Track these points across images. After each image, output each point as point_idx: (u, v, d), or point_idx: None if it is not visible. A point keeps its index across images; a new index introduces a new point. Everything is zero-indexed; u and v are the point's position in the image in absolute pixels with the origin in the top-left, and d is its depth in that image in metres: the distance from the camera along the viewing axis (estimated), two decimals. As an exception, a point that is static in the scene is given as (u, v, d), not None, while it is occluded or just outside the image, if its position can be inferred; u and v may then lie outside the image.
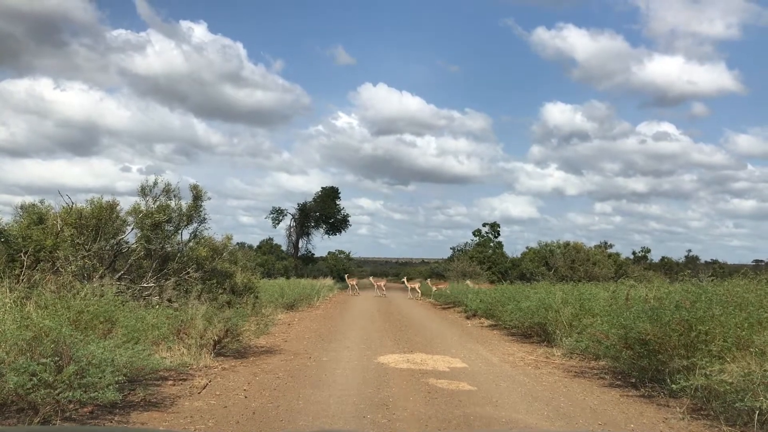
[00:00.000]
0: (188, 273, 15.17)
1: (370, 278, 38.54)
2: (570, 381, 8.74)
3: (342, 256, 72.83)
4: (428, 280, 44.72)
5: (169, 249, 15.77)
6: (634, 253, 50.09)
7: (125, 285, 15.48)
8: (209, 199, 15.63)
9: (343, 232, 65.35)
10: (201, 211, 15.54)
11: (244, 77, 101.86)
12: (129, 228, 14.75)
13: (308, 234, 64.81)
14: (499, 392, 7.73)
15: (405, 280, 43.19)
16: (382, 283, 37.90)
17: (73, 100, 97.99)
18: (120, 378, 5.78)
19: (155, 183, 14.96)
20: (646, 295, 10.24)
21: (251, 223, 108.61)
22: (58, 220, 14.38)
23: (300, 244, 64.34)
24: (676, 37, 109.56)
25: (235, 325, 9.82)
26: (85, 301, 8.14)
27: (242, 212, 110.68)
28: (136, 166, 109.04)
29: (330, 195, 64.70)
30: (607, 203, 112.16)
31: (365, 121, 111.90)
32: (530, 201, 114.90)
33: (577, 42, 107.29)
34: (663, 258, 59.31)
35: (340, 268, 64.91)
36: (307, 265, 61.14)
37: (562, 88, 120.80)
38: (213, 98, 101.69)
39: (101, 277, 15.06)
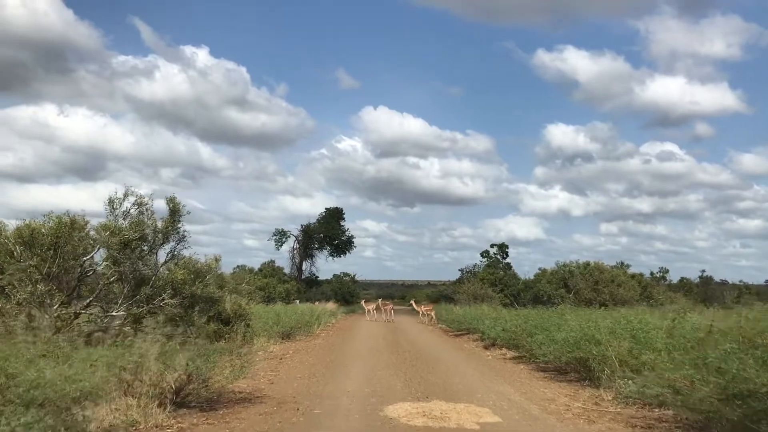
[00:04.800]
0: (163, 299, 13.05)
1: (379, 301, 36.15)
2: (644, 445, 6.51)
3: (347, 278, 70.59)
4: (412, 302, 42.50)
5: (146, 272, 13.71)
6: (652, 273, 47.55)
7: (94, 314, 13.45)
8: (188, 213, 13.54)
9: (348, 254, 63.23)
10: (179, 228, 13.44)
11: (248, 101, 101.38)
12: (95, 248, 12.66)
13: (312, 256, 62.69)
14: (554, 468, 5.52)
15: (413, 302, 40.84)
16: (389, 306, 35.52)
17: (79, 125, 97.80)
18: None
19: (125, 195, 12.90)
20: (731, 329, 8.00)
21: (256, 246, 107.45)
22: (11, 240, 12.29)
23: (304, 267, 62.16)
24: (677, 58, 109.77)
25: (198, 368, 7.62)
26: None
27: (247, 235, 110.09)
28: (142, 190, 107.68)
29: (334, 216, 62.66)
30: (613, 224, 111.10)
31: (368, 144, 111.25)
32: (535, 222, 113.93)
33: (578, 64, 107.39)
34: (682, 279, 56.92)
35: (345, 291, 62.67)
36: (311, 288, 58.89)
37: (564, 109, 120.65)
38: (218, 122, 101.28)
39: (64, 305, 13.00)
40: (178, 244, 13.67)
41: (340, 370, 11.59)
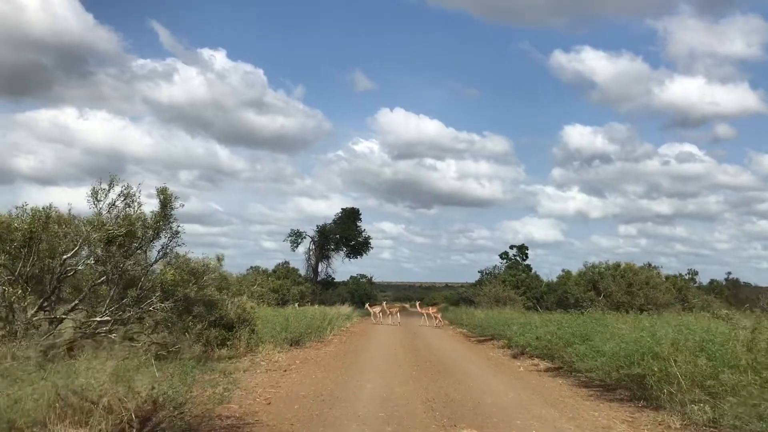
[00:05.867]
0: (152, 303, 11.57)
1: (384, 304, 34.60)
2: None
3: (364, 280, 69.10)
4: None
5: (135, 272, 12.26)
6: (680, 275, 45.36)
7: (78, 320, 12.06)
8: (182, 206, 12.08)
9: (364, 255, 61.61)
10: (171, 222, 11.97)
11: (266, 103, 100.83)
12: (77, 244, 11.21)
13: (328, 257, 61.17)
14: None
15: (417, 304, 39.17)
16: (396, 309, 33.93)
17: (99, 128, 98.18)
18: None
19: (111, 185, 11.44)
20: None
21: (274, 248, 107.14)
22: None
23: (319, 268, 60.65)
24: (696, 58, 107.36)
25: (166, 393, 6.04)
26: None
27: (265, 237, 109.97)
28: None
29: (350, 216, 61.08)
30: (632, 225, 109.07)
31: (385, 146, 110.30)
32: (553, 224, 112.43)
33: (596, 64, 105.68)
34: (712, 281, 54.51)
35: (362, 294, 61.14)
36: (327, 290, 57.38)
37: (581, 110, 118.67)
38: (235, 125, 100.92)
39: (43, 309, 11.59)
40: (170, 241, 12.23)
41: (351, 386, 10.00)
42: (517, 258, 55.26)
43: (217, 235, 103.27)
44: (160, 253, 12.04)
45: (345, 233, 59.77)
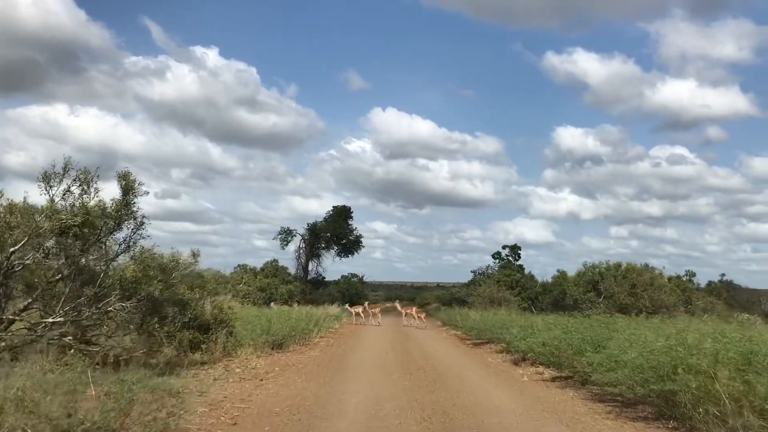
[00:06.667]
0: (110, 302, 10.23)
1: (366, 304, 33.35)
2: None
3: (355, 279, 67.79)
4: (397, 302, 39.57)
5: (95, 268, 10.94)
6: (678, 277, 44.30)
7: (29, 321, 10.76)
8: (146, 193, 10.71)
9: (356, 254, 60.14)
10: (134, 211, 10.63)
11: (258, 102, 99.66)
12: (26, 236, 9.86)
13: (319, 256, 59.65)
14: None
15: (397, 303, 37.91)
16: (377, 309, 32.66)
17: (90, 125, 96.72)
18: None
19: (65, 169, 10.08)
20: None
21: (265, 246, 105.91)
22: None
23: (310, 267, 59.16)
24: (688, 61, 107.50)
25: (81, 425, 4.69)
26: None
27: (257, 236, 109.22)
28: (152, 190, 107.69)
29: (342, 214, 59.60)
30: (623, 227, 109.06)
31: (378, 145, 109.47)
32: (544, 225, 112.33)
33: (589, 66, 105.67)
34: (710, 283, 53.51)
35: (353, 293, 59.81)
36: (317, 289, 55.97)
37: (574, 112, 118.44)
38: (228, 123, 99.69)
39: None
40: (134, 233, 10.89)
41: (335, 400, 8.70)
42: (510, 258, 54.18)
43: (209, 234, 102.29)
44: (122, 246, 10.71)
45: (336, 231, 58.38)
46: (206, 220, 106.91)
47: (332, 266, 66.24)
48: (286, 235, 58.11)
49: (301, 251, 58.36)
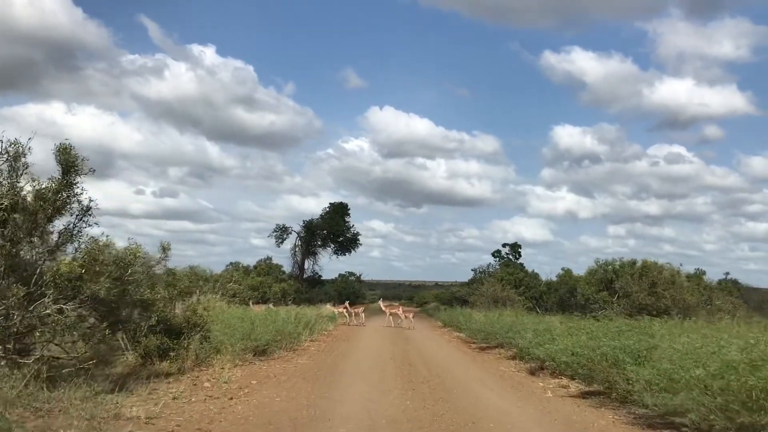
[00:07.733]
0: (43, 303, 8.33)
1: (346, 304, 31.72)
2: None
3: (352, 278, 66.05)
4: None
5: (27, 260, 9.04)
6: (697, 274, 42.32)
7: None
8: (92, 171, 8.81)
9: (353, 252, 58.28)
10: (75, 194, 8.74)
11: (256, 100, 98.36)
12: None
13: (315, 254, 57.71)
14: None
15: (380, 302, 36.18)
16: (360, 309, 31.04)
17: (87, 123, 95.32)
18: None
19: (-7, 142, 8.18)
20: None
21: (263, 245, 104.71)
22: None
23: (306, 265, 57.24)
24: (685, 60, 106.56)
25: None
26: None
27: (254, 234, 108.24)
28: (150, 188, 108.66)
29: (338, 211, 57.64)
30: (621, 226, 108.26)
31: (375, 144, 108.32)
32: (542, 224, 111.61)
33: (586, 65, 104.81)
34: (720, 282, 51.64)
35: (350, 292, 58.02)
36: (313, 287, 54.13)
37: (571, 110, 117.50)
38: (225, 121, 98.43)
39: None
40: (79, 220, 8.99)
41: (319, 429, 6.82)
42: (510, 256, 52.50)
43: (206, 232, 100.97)
44: (62, 237, 8.79)
45: (333, 229, 56.49)
46: (204, 219, 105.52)
47: (329, 264, 64.34)
48: (281, 232, 56.20)
49: (297, 249, 56.45)
